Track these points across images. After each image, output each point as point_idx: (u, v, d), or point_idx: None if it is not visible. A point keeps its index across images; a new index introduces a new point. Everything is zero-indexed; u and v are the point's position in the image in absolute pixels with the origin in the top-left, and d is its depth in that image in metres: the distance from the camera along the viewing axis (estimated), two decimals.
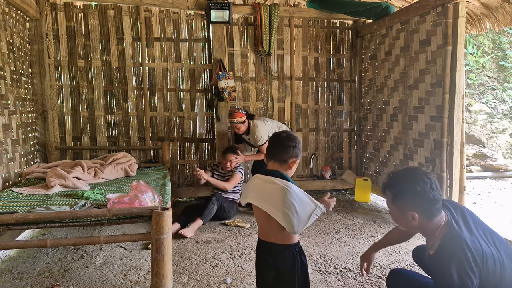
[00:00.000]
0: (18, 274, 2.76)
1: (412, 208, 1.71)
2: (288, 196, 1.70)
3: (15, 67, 3.67)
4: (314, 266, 2.91)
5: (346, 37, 5.28)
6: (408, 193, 1.71)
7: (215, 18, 4.51)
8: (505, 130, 7.62)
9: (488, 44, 8.72)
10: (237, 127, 4.18)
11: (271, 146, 1.91)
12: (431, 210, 1.71)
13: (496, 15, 3.79)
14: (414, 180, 1.71)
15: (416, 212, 1.71)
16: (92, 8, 4.55)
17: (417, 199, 1.70)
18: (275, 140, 1.91)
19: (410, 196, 1.71)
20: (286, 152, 1.84)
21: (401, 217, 1.77)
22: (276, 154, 1.86)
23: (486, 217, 4.29)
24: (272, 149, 1.90)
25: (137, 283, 2.64)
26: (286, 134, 1.90)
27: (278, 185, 1.74)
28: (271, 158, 1.89)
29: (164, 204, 2.72)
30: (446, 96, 3.56)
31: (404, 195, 1.73)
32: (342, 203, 4.78)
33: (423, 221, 1.73)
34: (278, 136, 1.92)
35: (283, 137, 1.88)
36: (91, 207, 2.65)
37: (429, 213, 1.71)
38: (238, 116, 4.12)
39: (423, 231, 1.83)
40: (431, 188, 1.68)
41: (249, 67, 5.01)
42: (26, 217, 2.22)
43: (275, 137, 1.93)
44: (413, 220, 1.73)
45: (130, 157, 4.22)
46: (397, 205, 1.77)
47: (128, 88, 4.68)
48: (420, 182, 1.69)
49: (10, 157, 3.47)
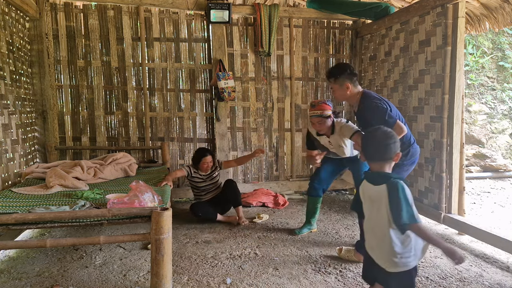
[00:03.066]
0: (17, 274, 2.76)
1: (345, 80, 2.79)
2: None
3: (15, 67, 3.67)
4: (314, 266, 2.91)
5: (345, 37, 5.28)
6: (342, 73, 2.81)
7: (215, 18, 4.51)
8: (504, 130, 7.62)
9: (488, 44, 8.72)
10: (319, 123, 3.13)
11: (369, 148, 1.86)
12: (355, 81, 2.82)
13: (495, 16, 3.79)
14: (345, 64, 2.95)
15: (348, 83, 2.79)
16: (92, 8, 4.54)
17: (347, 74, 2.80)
18: (372, 140, 1.85)
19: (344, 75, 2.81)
20: (388, 151, 1.81)
21: (339, 88, 2.85)
22: (378, 155, 1.83)
23: (485, 217, 4.29)
24: (371, 151, 1.85)
25: (136, 283, 2.63)
26: (381, 132, 1.85)
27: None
28: (372, 160, 1.85)
29: (163, 204, 2.72)
30: (446, 96, 3.56)
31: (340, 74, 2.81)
32: (341, 203, 4.78)
33: (352, 89, 2.81)
34: (374, 135, 1.87)
35: (380, 136, 1.84)
36: (91, 207, 2.65)
37: (354, 83, 2.82)
38: (324, 108, 3.08)
39: (350, 98, 2.86)
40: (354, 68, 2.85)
41: (249, 67, 5.01)
42: (26, 217, 2.22)
43: (371, 137, 1.87)
44: (347, 89, 2.81)
45: (130, 157, 4.22)
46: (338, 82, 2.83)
47: (127, 88, 4.68)
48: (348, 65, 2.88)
49: (9, 157, 3.46)
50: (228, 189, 3.94)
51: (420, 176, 3.94)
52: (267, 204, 4.57)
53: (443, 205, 3.63)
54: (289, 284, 2.62)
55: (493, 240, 3.08)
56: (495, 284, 2.64)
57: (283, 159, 5.23)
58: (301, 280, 2.69)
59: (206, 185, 3.96)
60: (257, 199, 4.61)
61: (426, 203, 3.86)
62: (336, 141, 3.23)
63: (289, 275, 2.76)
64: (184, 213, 4.32)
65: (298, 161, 5.25)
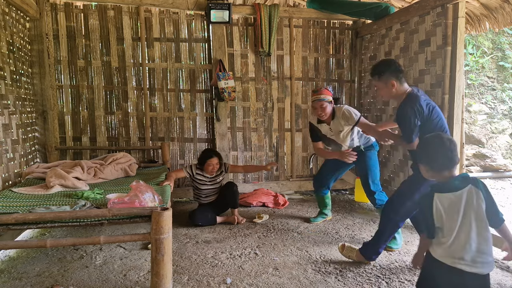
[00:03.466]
0: (17, 274, 2.76)
1: (390, 78, 2.58)
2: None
3: (15, 67, 3.67)
4: (314, 266, 2.91)
5: (345, 37, 5.29)
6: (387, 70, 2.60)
7: (215, 18, 4.51)
8: (504, 130, 7.62)
9: (488, 44, 8.72)
10: (322, 107, 3.30)
11: (440, 159, 1.77)
12: (401, 78, 2.61)
13: (495, 16, 3.80)
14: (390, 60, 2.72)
15: (393, 80, 2.58)
16: (92, 8, 4.55)
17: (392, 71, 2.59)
18: (442, 147, 1.78)
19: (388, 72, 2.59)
20: (457, 154, 1.78)
21: (383, 86, 2.63)
22: (451, 163, 1.77)
23: None
24: (442, 161, 1.77)
25: (137, 283, 2.64)
26: (447, 139, 1.80)
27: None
28: (445, 169, 1.77)
29: (164, 204, 2.72)
30: (446, 96, 3.56)
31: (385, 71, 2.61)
32: (341, 203, 4.78)
33: (398, 87, 2.60)
34: (444, 142, 1.79)
35: (450, 143, 1.78)
36: (91, 207, 2.65)
37: (401, 80, 2.61)
38: (326, 93, 3.32)
39: (397, 97, 2.64)
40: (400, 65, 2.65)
41: (249, 68, 5.01)
42: (26, 217, 2.22)
43: (440, 144, 1.78)
44: (393, 87, 2.59)
45: (130, 157, 4.22)
46: (382, 80, 2.62)
47: (128, 88, 4.69)
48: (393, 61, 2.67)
49: (10, 157, 3.47)
50: (228, 193, 3.89)
51: None
52: (267, 204, 4.58)
53: None
54: (289, 284, 2.63)
55: (493, 240, 3.07)
56: (495, 284, 2.64)
57: (283, 159, 5.23)
58: (301, 280, 2.69)
59: (208, 189, 3.91)
60: (257, 199, 4.62)
61: None
62: (336, 127, 3.38)
63: (289, 275, 2.77)
64: (185, 213, 4.33)
65: (298, 161, 5.25)
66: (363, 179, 3.43)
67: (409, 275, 2.77)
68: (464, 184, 1.73)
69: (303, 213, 4.31)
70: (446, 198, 1.76)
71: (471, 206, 1.71)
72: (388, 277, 2.73)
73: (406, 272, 2.82)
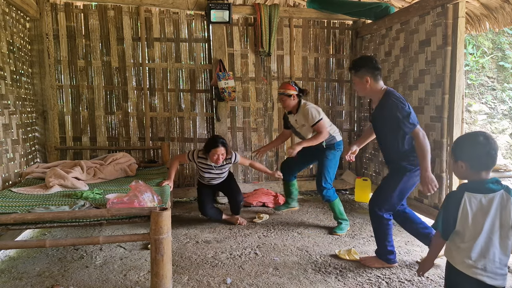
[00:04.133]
0: (18, 274, 2.76)
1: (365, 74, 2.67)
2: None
3: (15, 67, 3.68)
4: (314, 266, 2.91)
5: (345, 37, 5.28)
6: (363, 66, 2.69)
7: (215, 18, 4.51)
8: (504, 130, 7.62)
9: (488, 44, 8.72)
10: (283, 100, 3.64)
11: (483, 158, 1.68)
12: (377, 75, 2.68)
13: (495, 16, 3.80)
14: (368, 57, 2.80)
15: (368, 76, 2.66)
16: (92, 8, 4.55)
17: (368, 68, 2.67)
18: (487, 145, 1.68)
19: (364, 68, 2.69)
20: (497, 159, 1.70)
21: (358, 81, 2.72)
22: (492, 162, 1.69)
23: None
24: (485, 160, 1.69)
25: (137, 283, 2.64)
26: (492, 138, 1.70)
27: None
28: (485, 169, 1.69)
29: (163, 204, 2.72)
30: (446, 96, 3.56)
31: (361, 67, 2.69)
32: (342, 203, 4.76)
33: (372, 84, 2.67)
34: (489, 140, 1.68)
35: (494, 143, 1.68)
36: (90, 207, 2.65)
37: (376, 78, 2.68)
38: (287, 88, 3.60)
39: (371, 93, 2.73)
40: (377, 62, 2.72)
41: (249, 68, 5.01)
42: (25, 217, 2.22)
43: (485, 141, 1.68)
44: (367, 83, 2.67)
45: (130, 157, 4.22)
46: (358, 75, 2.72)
47: (128, 88, 4.69)
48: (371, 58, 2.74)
49: (10, 157, 3.47)
50: (232, 201, 3.90)
51: None
52: (267, 204, 4.58)
53: None
54: (289, 284, 2.63)
55: None
56: None
57: (283, 159, 5.23)
58: (301, 280, 2.69)
59: (211, 176, 3.78)
60: (257, 199, 4.62)
61: (426, 203, 3.86)
62: (300, 120, 3.68)
63: (289, 275, 2.77)
64: (185, 213, 4.33)
65: None
66: (318, 174, 3.69)
67: (409, 275, 2.77)
68: (497, 187, 1.67)
69: (303, 213, 4.31)
70: (476, 199, 1.68)
71: (500, 211, 1.65)
72: (388, 277, 2.73)
73: (406, 272, 2.82)
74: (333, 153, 3.65)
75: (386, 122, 2.64)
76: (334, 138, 3.66)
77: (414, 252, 3.18)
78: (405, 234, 3.60)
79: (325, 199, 3.64)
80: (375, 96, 2.73)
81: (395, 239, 3.46)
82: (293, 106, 3.63)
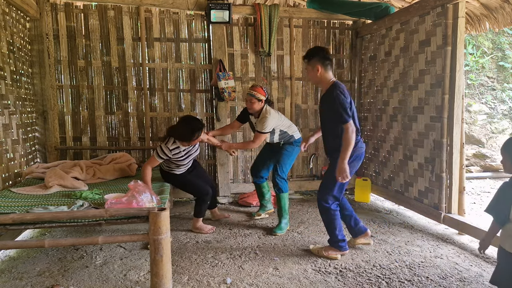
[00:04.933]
0: (18, 274, 2.76)
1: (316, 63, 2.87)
2: None
3: (15, 67, 3.68)
4: (314, 266, 2.91)
5: (345, 37, 5.29)
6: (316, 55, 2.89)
7: (215, 18, 4.51)
8: (504, 130, 7.62)
9: (488, 44, 8.72)
10: (251, 101, 3.66)
11: None
12: (327, 65, 2.89)
13: (495, 16, 3.80)
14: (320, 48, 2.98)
15: (319, 65, 2.87)
16: (92, 8, 4.55)
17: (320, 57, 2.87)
18: None
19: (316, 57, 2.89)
20: None
21: (310, 70, 2.92)
22: None
23: (485, 217, 4.29)
24: None
25: (137, 283, 2.64)
26: None
27: None
28: None
29: (162, 204, 2.72)
30: (446, 96, 3.56)
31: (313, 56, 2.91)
32: None
33: (322, 73, 2.88)
34: None
35: None
36: (89, 207, 2.65)
37: (326, 67, 2.88)
38: (259, 92, 3.64)
39: (321, 82, 2.94)
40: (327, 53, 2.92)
41: (249, 68, 5.01)
42: (23, 217, 2.22)
43: None
44: (317, 71, 2.87)
45: (130, 157, 4.22)
46: (310, 64, 2.92)
47: (128, 88, 4.69)
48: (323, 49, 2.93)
49: (10, 157, 3.47)
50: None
51: (420, 176, 3.95)
52: None
53: (443, 205, 3.64)
54: (289, 284, 2.63)
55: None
56: None
57: None
58: (301, 280, 2.69)
59: (190, 154, 3.56)
60: (257, 199, 4.61)
61: (426, 203, 3.86)
62: (259, 122, 3.73)
63: (289, 275, 2.77)
64: (185, 213, 4.33)
65: (298, 161, 5.24)
66: (275, 165, 3.79)
67: (409, 275, 2.77)
68: None
69: (303, 213, 4.31)
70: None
71: None
72: (388, 277, 2.73)
73: (406, 272, 2.82)
74: (291, 147, 3.81)
75: (329, 111, 2.84)
76: (292, 136, 3.80)
77: (414, 252, 3.18)
78: (404, 234, 3.60)
79: (276, 187, 3.71)
80: (324, 85, 2.94)
81: (394, 239, 3.48)
82: (257, 110, 3.70)
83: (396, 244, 3.37)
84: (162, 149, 3.36)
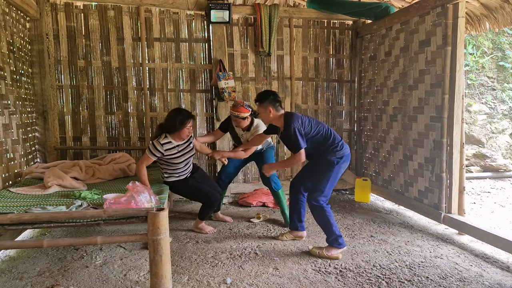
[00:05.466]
0: (18, 274, 2.76)
1: (268, 105, 3.10)
2: None
3: (15, 67, 3.68)
4: (314, 266, 2.91)
5: (345, 37, 5.28)
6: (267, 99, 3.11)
7: (215, 18, 4.51)
8: (504, 130, 7.62)
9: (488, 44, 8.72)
10: (237, 121, 3.72)
11: None
12: (277, 106, 3.13)
13: (495, 16, 3.80)
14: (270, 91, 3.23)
15: (270, 107, 3.09)
16: (92, 8, 4.55)
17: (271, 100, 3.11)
18: None
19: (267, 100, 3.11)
20: None
21: (263, 111, 3.14)
22: None
23: (485, 217, 4.29)
24: None
25: (137, 283, 2.64)
26: None
27: None
28: None
29: (160, 204, 2.72)
30: (446, 96, 3.56)
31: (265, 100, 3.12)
32: (341, 203, 4.78)
33: (274, 113, 3.11)
34: None
35: None
36: (88, 207, 2.64)
37: (277, 108, 3.12)
38: (242, 111, 3.63)
39: (274, 120, 3.16)
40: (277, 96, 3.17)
41: (249, 68, 5.01)
42: (21, 217, 2.22)
43: None
44: (270, 112, 3.10)
45: (129, 157, 4.22)
46: (262, 106, 3.13)
47: (128, 88, 4.69)
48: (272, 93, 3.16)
49: (10, 157, 3.47)
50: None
51: (420, 176, 3.95)
52: (267, 204, 4.58)
53: (443, 205, 3.64)
54: (289, 284, 2.63)
55: (493, 240, 3.08)
56: (495, 284, 2.64)
57: (283, 159, 5.23)
58: (301, 280, 2.69)
59: (187, 157, 3.42)
60: (257, 199, 4.62)
61: (426, 203, 3.86)
62: (246, 136, 3.85)
63: (289, 275, 2.77)
64: (184, 213, 4.33)
65: None
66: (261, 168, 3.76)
67: (409, 275, 2.77)
68: None
69: None
70: None
71: None
72: (388, 277, 2.73)
73: (406, 272, 2.82)
74: (270, 151, 3.98)
75: (292, 144, 3.05)
76: (270, 143, 4.02)
77: (414, 252, 3.18)
78: (404, 234, 3.60)
79: (272, 185, 3.79)
80: (277, 121, 3.17)
81: (394, 239, 3.47)
82: (247, 125, 3.82)
83: (396, 244, 3.37)
84: (154, 145, 3.27)
